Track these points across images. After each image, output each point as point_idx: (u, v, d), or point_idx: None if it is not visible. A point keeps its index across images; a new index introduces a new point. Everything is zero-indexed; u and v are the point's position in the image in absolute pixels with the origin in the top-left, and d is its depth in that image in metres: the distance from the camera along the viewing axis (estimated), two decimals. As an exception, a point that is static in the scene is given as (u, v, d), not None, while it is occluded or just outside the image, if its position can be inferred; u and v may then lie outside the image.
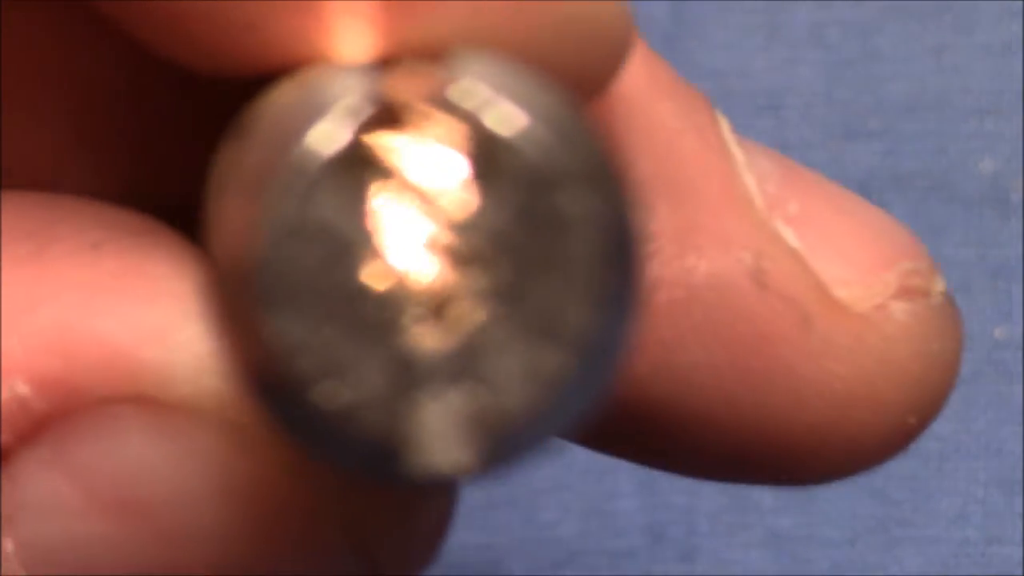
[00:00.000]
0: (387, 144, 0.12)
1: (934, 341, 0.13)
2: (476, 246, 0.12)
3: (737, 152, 0.13)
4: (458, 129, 0.12)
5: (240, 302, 0.11)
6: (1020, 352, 0.33)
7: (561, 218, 0.12)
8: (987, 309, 0.34)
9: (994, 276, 0.32)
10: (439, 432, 0.12)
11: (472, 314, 0.12)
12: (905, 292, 0.13)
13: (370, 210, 0.11)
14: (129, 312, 0.11)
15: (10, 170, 0.13)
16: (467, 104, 0.11)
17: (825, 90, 0.32)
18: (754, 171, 0.13)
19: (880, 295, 0.13)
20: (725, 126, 0.14)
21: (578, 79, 0.12)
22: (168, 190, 0.13)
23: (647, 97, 0.14)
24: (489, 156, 0.12)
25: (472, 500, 0.35)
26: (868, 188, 0.33)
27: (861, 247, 0.13)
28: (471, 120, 0.11)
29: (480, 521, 0.34)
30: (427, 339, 0.12)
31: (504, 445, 0.12)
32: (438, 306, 0.12)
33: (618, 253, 0.12)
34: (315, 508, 0.12)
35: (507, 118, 0.11)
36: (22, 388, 0.10)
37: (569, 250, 0.12)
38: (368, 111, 0.11)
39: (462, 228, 0.12)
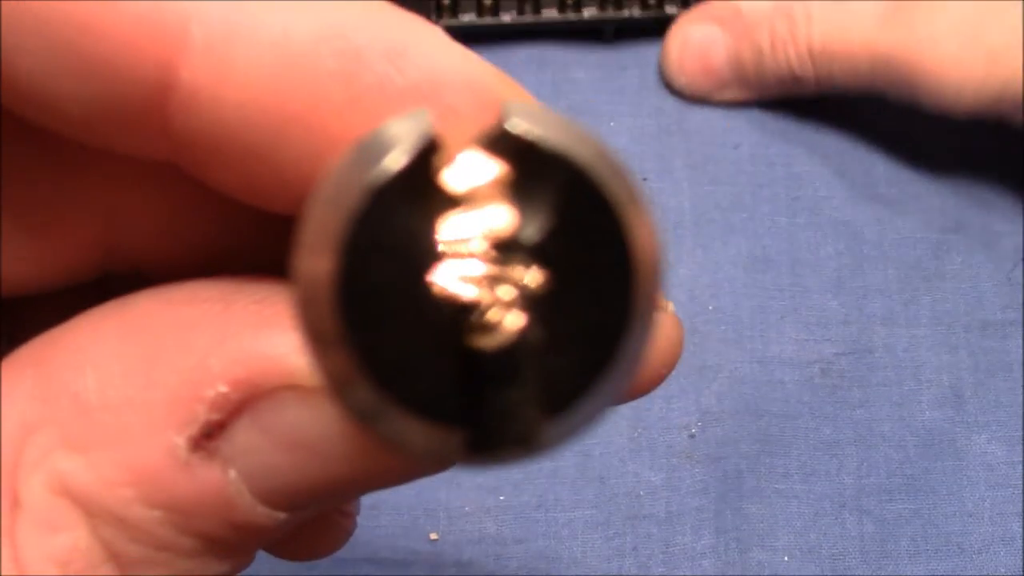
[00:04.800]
0: (444, 169, 0.13)
1: None
2: (524, 257, 0.13)
3: None
4: (508, 152, 0.13)
5: (322, 311, 0.13)
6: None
7: (599, 229, 0.13)
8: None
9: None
10: (497, 421, 0.13)
11: (521, 317, 0.13)
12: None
13: (432, 226, 0.13)
14: (280, 338, 0.15)
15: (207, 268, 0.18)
16: (519, 130, 0.13)
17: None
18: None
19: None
20: None
21: None
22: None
23: None
24: (536, 171, 0.13)
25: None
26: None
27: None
28: (523, 141, 0.13)
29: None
30: (485, 339, 0.13)
31: (552, 430, 0.13)
32: (492, 309, 0.13)
33: (646, 262, 0.13)
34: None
35: (553, 137, 0.13)
36: (223, 388, 0.15)
37: (606, 259, 0.13)
38: (423, 142, 0.13)
39: (513, 242, 0.13)
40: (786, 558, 0.40)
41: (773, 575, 0.39)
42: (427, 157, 0.13)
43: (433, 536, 0.40)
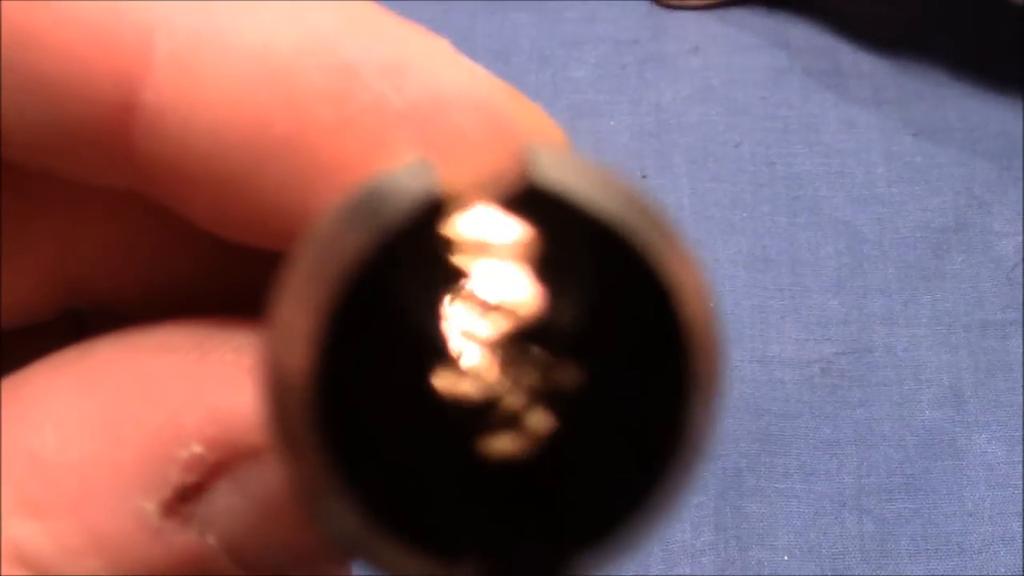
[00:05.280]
0: (453, 233, 0.10)
1: None
2: (552, 343, 0.10)
3: None
4: (534, 211, 0.10)
5: (294, 415, 0.10)
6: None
7: (637, 302, 0.10)
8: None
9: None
10: (515, 551, 0.10)
11: (547, 418, 0.10)
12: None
13: (437, 305, 0.10)
14: None
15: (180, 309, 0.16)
16: (548, 185, 0.10)
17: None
18: None
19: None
20: None
21: None
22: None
23: None
24: (568, 235, 0.10)
25: None
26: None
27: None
28: (553, 198, 0.10)
29: None
30: (501, 447, 0.10)
31: (586, 562, 0.10)
32: (511, 409, 0.10)
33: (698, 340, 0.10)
34: None
35: (591, 195, 0.10)
36: (197, 448, 0.13)
37: (656, 346, 0.10)
38: (428, 199, 0.10)
39: (538, 324, 0.10)
40: (786, 557, 0.40)
41: (773, 574, 0.39)
42: (432, 219, 0.10)
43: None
